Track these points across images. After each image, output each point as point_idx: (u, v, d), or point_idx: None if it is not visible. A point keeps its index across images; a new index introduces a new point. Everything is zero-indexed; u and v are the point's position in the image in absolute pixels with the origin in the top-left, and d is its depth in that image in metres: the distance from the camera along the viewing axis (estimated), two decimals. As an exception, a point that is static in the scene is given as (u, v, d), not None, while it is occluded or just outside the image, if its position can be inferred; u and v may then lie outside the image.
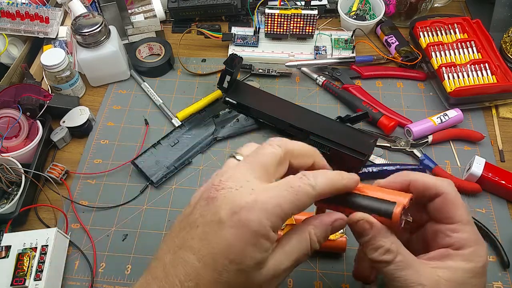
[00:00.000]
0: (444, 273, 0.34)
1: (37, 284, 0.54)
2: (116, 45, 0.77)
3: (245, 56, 0.82)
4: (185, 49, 0.88)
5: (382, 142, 0.72)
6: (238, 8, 0.88)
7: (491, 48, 0.78)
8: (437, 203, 0.37)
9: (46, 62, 0.72)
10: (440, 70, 0.76)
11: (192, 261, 0.31)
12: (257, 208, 0.31)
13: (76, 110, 0.75)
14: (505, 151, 0.71)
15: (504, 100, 0.76)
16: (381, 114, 0.73)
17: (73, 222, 0.65)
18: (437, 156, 0.71)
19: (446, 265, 0.35)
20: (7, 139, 0.68)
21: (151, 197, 0.68)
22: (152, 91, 0.80)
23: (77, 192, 0.68)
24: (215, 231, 0.31)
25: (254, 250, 0.31)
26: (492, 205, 0.65)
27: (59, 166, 0.69)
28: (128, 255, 0.62)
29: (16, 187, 0.66)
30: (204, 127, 0.75)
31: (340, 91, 0.78)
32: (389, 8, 0.89)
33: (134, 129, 0.76)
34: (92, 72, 0.80)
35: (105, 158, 0.72)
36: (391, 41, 0.85)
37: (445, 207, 0.37)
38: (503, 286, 0.58)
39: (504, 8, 0.88)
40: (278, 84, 0.82)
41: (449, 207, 0.37)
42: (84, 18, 0.75)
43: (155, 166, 0.69)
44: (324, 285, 0.58)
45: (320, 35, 0.87)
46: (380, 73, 0.82)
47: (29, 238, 0.57)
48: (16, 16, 0.80)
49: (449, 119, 0.72)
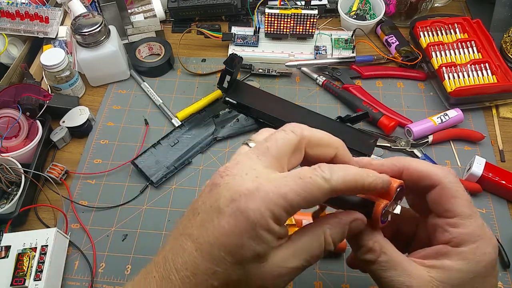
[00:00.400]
0: (438, 273, 0.31)
1: (37, 284, 0.54)
2: (116, 45, 0.77)
3: (245, 56, 0.82)
4: (185, 49, 0.88)
5: (382, 142, 0.72)
6: (238, 8, 0.88)
7: (492, 48, 0.78)
8: (434, 195, 0.33)
9: (45, 62, 0.72)
10: (440, 70, 0.76)
11: (190, 249, 0.30)
12: (258, 196, 0.28)
13: (76, 110, 0.75)
14: (506, 151, 0.71)
15: (504, 100, 0.76)
16: (381, 114, 0.73)
17: (73, 222, 0.65)
18: (438, 156, 0.71)
19: (442, 265, 0.32)
20: (7, 139, 0.68)
21: (151, 197, 0.67)
22: (152, 91, 0.80)
23: (77, 192, 0.68)
24: (212, 219, 0.29)
25: (252, 242, 0.28)
26: (492, 205, 0.65)
27: (59, 166, 0.69)
28: (128, 255, 0.62)
29: (16, 187, 0.66)
30: (204, 127, 0.74)
31: (340, 91, 0.78)
32: (389, 8, 0.89)
33: (134, 129, 0.76)
34: (92, 72, 0.80)
35: (105, 158, 0.72)
36: (391, 41, 0.85)
37: (442, 199, 0.33)
38: (503, 286, 0.58)
39: (504, 8, 0.88)
40: (278, 84, 0.82)
41: (447, 199, 0.33)
42: (84, 18, 0.75)
43: (155, 166, 0.69)
44: (324, 285, 0.58)
45: (320, 35, 0.87)
46: (380, 73, 0.82)
47: (29, 238, 0.57)
48: (16, 16, 0.80)
49: (449, 119, 0.72)
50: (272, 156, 0.31)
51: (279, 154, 0.31)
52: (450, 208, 0.33)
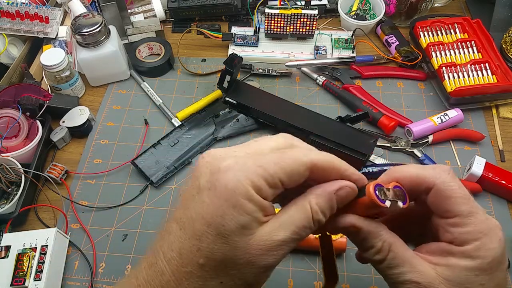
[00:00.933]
0: (444, 270, 0.31)
1: (37, 284, 0.54)
2: (116, 45, 0.77)
3: (245, 56, 0.82)
4: (185, 49, 0.88)
5: (382, 142, 0.72)
6: (238, 8, 0.88)
7: (492, 48, 0.78)
8: (431, 197, 0.32)
9: (45, 62, 0.72)
10: (440, 70, 0.76)
11: (174, 230, 0.30)
12: (236, 168, 0.28)
13: (76, 110, 0.75)
14: (506, 151, 0.71)
15: (504, 100, 0.76)
16: (381, 114, 0.73)
17: (73, 222, 0.65)
18: (438, 156, 0.71)
19: (448, 262, 0.31)
20: (7, 139, 0.68)
21: (151, 197, 0.67)
22: (152, 91, 0.80)
23: (77, 192, 0.68)
24: (194, 196, 0.29)
25: (233, 211, 0.28)
26: (492, 205, 0.65)
27: (59, 166, 0.69)
28: (128, 255, 0.62)
29: (16, 187, 0.66)
30: (204, 127, 0.74)
31: (340, 91, 0.78)
32: (389, 8, 0.89)
33: (134, 129, 0.76)
34: (92, 72, 0.80)
35: (105, 158, 0.72)
36: (391, 41, 0.85)
37: (439, 201, 0.32)
38: (503, 286, 0.57)
39: (504, 8, 0.88)
40: (278, 84, 0.82)
41: (443, 200, 0.32)
42: (84, 18, 0.75)
43: (155, 166, 0.69)
44: (324, 285, 0.58)
45: (320, 35, 0.87)
46: (380, 73, 0.82)
47: (29, 238, 0.57)
48: (16, 16, 0.80)
49: (449, 119, 0.72)
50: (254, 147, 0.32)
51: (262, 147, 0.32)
52: (449, 208, 0.32)
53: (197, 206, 0.29)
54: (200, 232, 0.28)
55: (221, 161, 0.29)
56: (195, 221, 0.29)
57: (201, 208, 0.29)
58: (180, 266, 0.29)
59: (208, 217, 0.28)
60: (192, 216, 0.29)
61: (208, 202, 0.28)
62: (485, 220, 0.32)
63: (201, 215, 0.29)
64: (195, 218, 0.29)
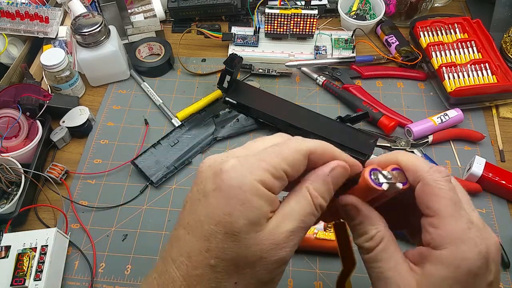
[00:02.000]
0: (419, 278, 0.30)
1: (36, 284, 0.54)
2: (116, 45, 0.77)
3: (245, 56, 0.82)
4: (185, 49, 0.88)
5: (383, 142, 0.72)
6: (238, 8, 0.88)
7: (492, 48, 0.78)
8: (417, 190, 0.32)
9: (45, 62, 0.72)
10: (440, 70, 0.76)
11: (182, 236, 0.30)
12: (239, 166, 0.29)
13: (76, 110, 0.75)
14: (506, 151, 0.71)
15: (504, 100, 0.76)
16: (381, 114, 0.73)
17: (73, 222, 0.65)
18: (438, 156, 0.71)
19: (423, 270, 0.30)
20: (7, 139, 0.68)
21: (151, 197, 0.67)
22: (152, 91, 0.80)
23: (77, 192, 0.68)
24: (199, 201, 0.29)
25: (241, 207, 0.28)
26: (492, 205, 0.65)
27: (59, 166, 0.69)
28: (128, 255, 0.62)
29: (16, 187, 0.66)
30: (204, 127, 0.74)
31: (340, 91, 0.78)
32: (389, 8, 0.89)
33: (134, 129, 0.76)
34: (92, 72, 0.80)
35: (105, 158, 0.72)
36: (391, 41, 0.85)
37: (423, 195, 0.31)
38: (503, 286, 0.58)
39: (504, 8, 0.88)
40: (278, 84, 0.82)
41: (426, 196, 0.31)
42: (84, 18, 0.75)
43: (155, 166, 0.69)
44: (324, 285, 0.58)
45: (320, 35, 0.87)
46: (380, 73, 0.82)
47: (28, 238, 0.57)
48: (16, 16, 0.80)
49: (449, 119, 0.72)
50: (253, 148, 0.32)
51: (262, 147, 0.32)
52: (430, 205, 0.31)
53: (204, 209, 0.29)
54: (209, 232, 0.28)
55: (222, 163, 0.29)
56: (203, 223, 0.29)
57: (208, 209, 0.29)
58: (190, 270, 0.29)
59: (216, 217, 0.28)
60: (199, 219, 0.29)
61: (215, 203, 0.28)
62: (467, 229, 0.29)
63: (209, 216, 0.28)
64: (203, 220, 0.29)
